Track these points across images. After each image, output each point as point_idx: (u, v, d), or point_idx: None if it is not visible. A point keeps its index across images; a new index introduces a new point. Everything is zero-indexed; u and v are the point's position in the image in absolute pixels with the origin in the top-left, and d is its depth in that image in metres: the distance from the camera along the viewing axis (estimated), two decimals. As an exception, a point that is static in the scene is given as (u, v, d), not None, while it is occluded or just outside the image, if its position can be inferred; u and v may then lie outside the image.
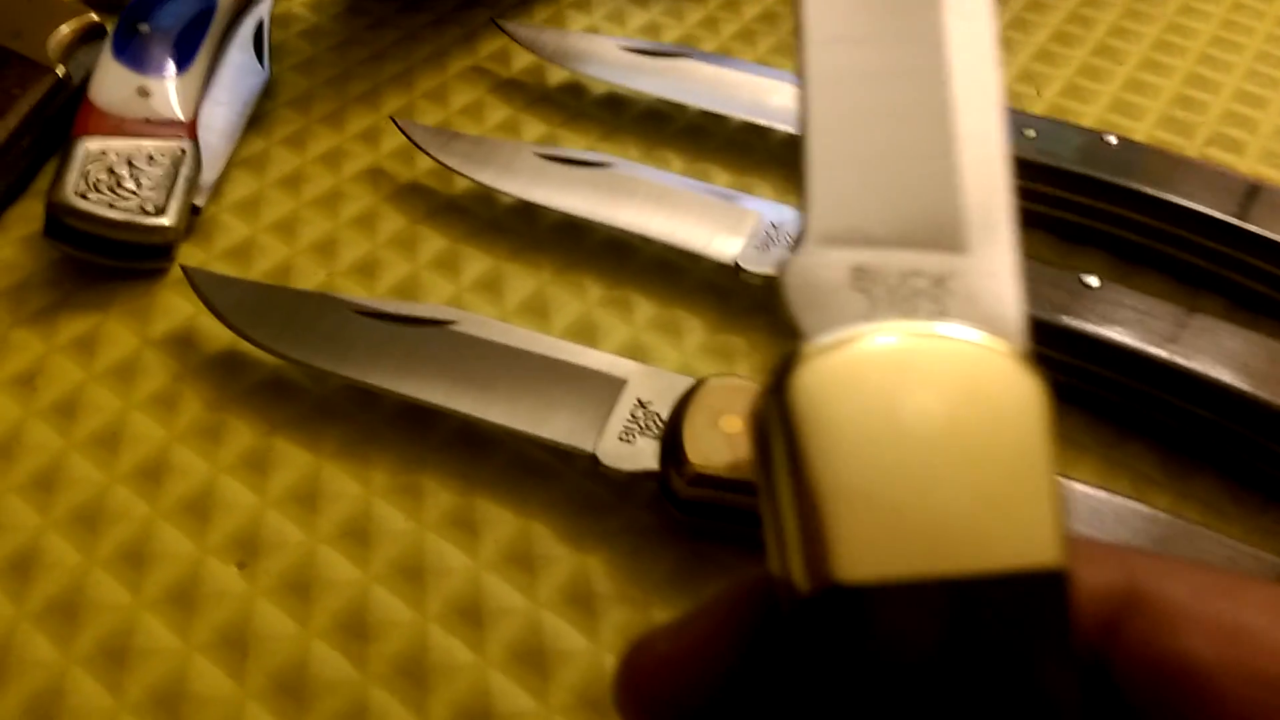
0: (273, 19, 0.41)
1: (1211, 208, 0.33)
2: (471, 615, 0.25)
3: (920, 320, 0.13)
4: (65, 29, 0.38)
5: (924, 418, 0.12)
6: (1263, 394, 0.27)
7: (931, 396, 0.12)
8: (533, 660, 0.24)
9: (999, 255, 0.13)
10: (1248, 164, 0.38)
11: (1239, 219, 0.32)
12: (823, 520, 0.12)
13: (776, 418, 0.12)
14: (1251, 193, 0.33)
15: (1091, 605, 0.13)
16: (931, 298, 0.13)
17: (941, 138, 0.14)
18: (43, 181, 0.36)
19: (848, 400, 0.12)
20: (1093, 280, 0.30)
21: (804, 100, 0.14)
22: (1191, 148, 0.39)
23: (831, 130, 0.14)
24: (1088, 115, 0.40)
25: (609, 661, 0.24)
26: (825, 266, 0.13)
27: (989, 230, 0.14)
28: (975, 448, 0.12)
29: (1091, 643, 0.13)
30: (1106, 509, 0.24)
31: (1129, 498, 0.25)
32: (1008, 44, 0.43)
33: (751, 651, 0.14)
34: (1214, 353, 0.28)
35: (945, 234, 0.14)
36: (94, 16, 0.38)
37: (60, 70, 0.37)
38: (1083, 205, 0.34)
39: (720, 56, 0.40)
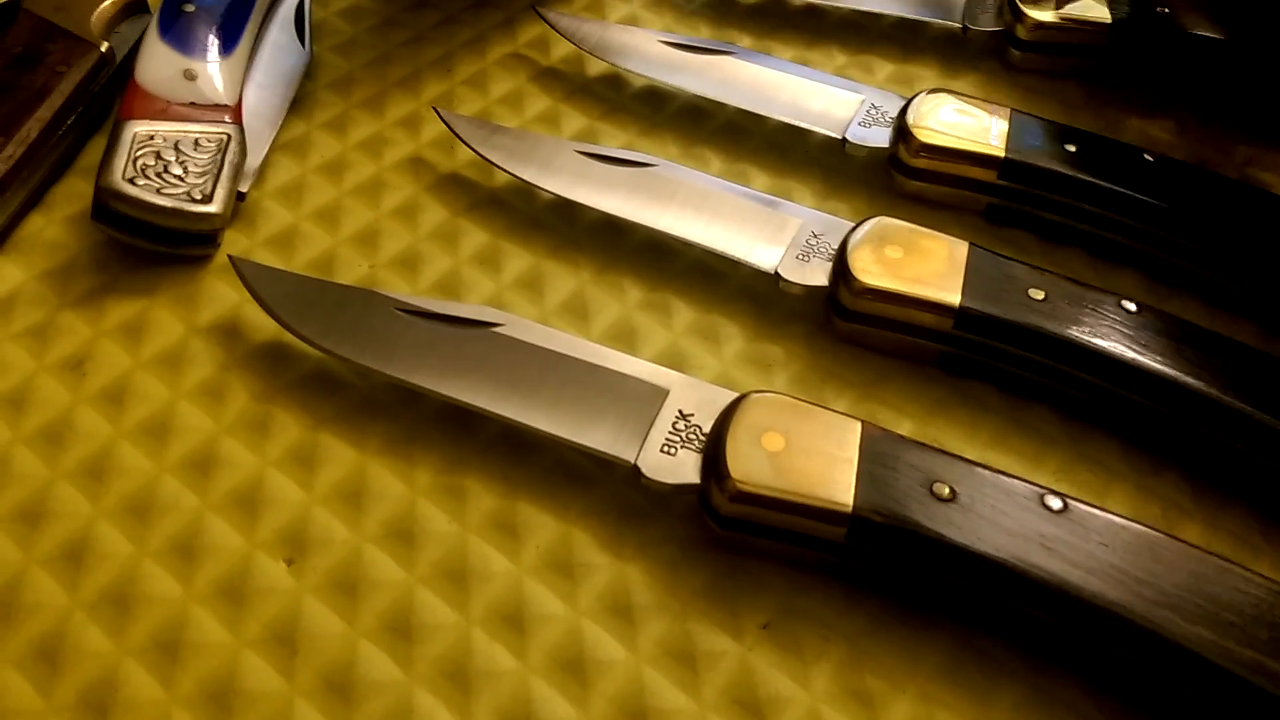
0: (313, -2, 0.41)
1: (1249, 232, 0.33)
2: (514, 621, 0.26)
3: None
4: (108, 3, 0.37)
5: None
6: (1295, 430, 0.28)
7: None
8: (573, 669, 0.25)
9: None
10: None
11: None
12: None
13: None
14: (1291, 220, 0.33)
15: None
16: None
17: None
18: (86, 159, 0.36)
19: None
20: (1131, 305, 0.30)
21: None
22: (1230, 166, 0.39)
23: None
24: (1129, 128, 0.40)
25: (648, 674, 0.25)
26: None
27: None
28: None
29: None
30: (1141, 543, 0.24)
31: (1160, 530, 0.25)
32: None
33: None
34: (1249, 384, 0.29)
35: None
36: (136, -9, 0.38)
37: (104, 46, 0.37)
38: (1122, 224, 0.34)
39: (760, 54, 0.40)
